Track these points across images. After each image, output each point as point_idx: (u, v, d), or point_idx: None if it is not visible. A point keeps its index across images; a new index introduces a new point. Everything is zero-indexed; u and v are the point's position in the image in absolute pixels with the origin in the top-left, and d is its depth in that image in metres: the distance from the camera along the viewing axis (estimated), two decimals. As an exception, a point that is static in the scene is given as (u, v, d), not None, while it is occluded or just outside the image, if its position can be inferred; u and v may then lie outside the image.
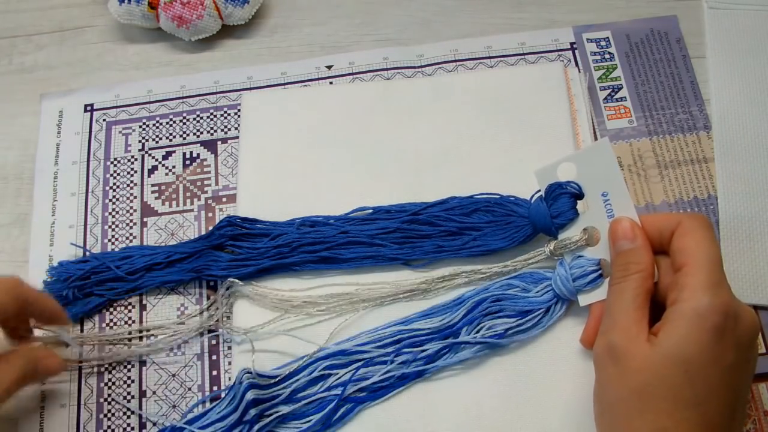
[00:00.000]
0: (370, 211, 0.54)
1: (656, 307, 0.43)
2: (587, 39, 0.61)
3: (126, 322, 0.53)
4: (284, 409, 0.47)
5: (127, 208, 0.57)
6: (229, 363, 0.51)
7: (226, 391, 0.48)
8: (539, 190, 0.50)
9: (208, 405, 0.50)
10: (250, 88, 0.61)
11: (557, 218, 0.49)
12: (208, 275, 0.53)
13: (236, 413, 0.46)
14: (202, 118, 0.60)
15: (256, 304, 0.52)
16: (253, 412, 0.46)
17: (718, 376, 0.39)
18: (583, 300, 0.48)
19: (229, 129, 0.60)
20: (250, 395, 0.46)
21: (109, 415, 0.51)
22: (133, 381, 0.51)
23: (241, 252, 0.53)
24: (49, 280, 0.54)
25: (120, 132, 0.60)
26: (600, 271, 0.47)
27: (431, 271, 0.52)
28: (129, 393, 0.51)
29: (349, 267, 0.52)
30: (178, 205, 0.57)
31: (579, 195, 0.48)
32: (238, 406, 0.46)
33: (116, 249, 0.55)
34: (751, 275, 0.52)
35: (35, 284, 0.54)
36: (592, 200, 0.48)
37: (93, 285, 0.53)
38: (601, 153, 0.47)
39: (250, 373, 0.47)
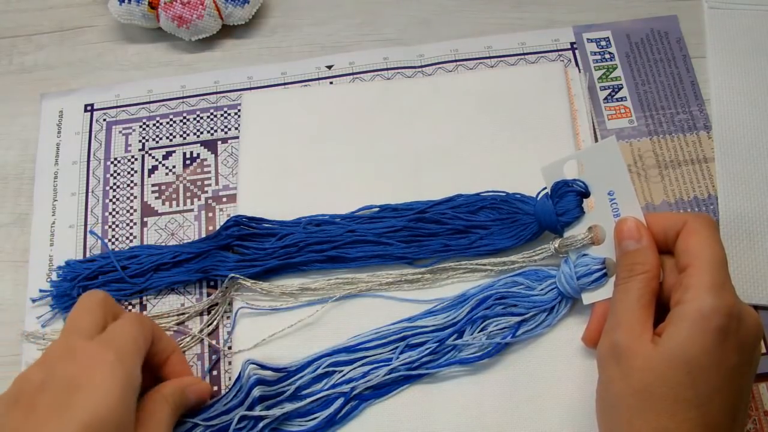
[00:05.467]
0: (377, 209, 0.54)
1: (660, 307, 0.43)
2: (587, 39, 0.61)
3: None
4: (289, 406, 0.47)
5: (128, 208, 0.57)
6: (230, 363, 0.51)
7: (232, 384, 0.48)
8: (545, 188, 0.50)
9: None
10: (250, 88, 0.61)
11: (563, 216, 0.49)
12: (216, 275, 0.53)
13: (242, 407, 0.46)
14: (202, 118, 0.60)
15: (258, 298, 0.52)
16: (259, 408, 0.46)
17: (720, 378, 0.39)
18: (587, 298, 0.48)
19: (229, 129, 0.60)
20: (257, 392, 0.46)
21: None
22: (133, 381, 0.51)
23: (248, 252, 0.53)
24: (56, 279, 0.54)
25: (120, 132, 0.60)
26: (604, 270, 0.47)
27: (435, 265, 0.52)
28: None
29: (356, 266, 0.52)
30: (178, 205, 0.57)
31: (585, 193, 0.48)
32: (244, 401, 0.47)
33: (116, 249, 0.55)
34: (752, 275, 0.52)
35: (36, 284, 0.54)
36: (598, 199, 0.48)
37: (100, 285, 0.53)
38: (608, 151, 0.47)
39: (256, 364, 0.48)
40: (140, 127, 0.60)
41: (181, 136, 0.60)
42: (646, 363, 0.39)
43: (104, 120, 0.61)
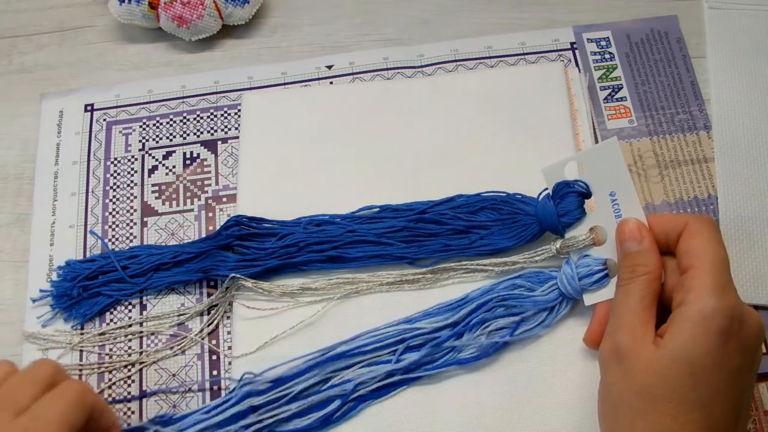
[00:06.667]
0: (377, 209, 0.54)
1: (662, 308, 0.43)
2: (587, 39, 0.61)
3: (128, 324, 0.53)
4: (285, 410, 0.47)
5: (128, 208, 0.57)
6: (230, 363, 0.51)
7: (228, 391, 0.49)
8: (546, 189, 0.50)
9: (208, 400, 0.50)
10: (251, 88, 0.61)
11: (564, 217, 0.49)
12: (216, 275, 0.53)
13: (232, 419, 0.47)
14: (202, 118, 0.60)
15: (259, 298, 0.52)
16: (253, 417, 0.47)
17: (722, 379, 0.39)
18: (589, 299, 0.48)
19: (230, 129, 0.60)
20: (246, 404, 0.47)
21: (110, 415, 0.51)
22: (133, 381, 0.51)
23: (248, 252, 0.53)
24: (56, 279, 0.54)
25: (120, 132, 0.60)
26: (606, 271, 0.47)
27: (435, 265, 0.52)
28: (129, 393, 0.51)
29: (356, 266, 0.52)
30: (178, 205, 0.57)
31: (586, 194, 0.48)
32: (233, 407, 0.47)
33: (116, 249, 0.55)
34: (752, 275, 0.52)
35: (36, 284, 0.54)
36: (599, 200, 0.48)
37: (100, 285, 0.53)
38: (609, 152, 0.47)
39: (252, 375, 0.48)
40: (140, 127, 0.60)
41: (181, 136, 0.60)
42: (648, 364, 0.39)
43: (104, 120, 0.60)
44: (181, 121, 0.60)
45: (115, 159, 0.59)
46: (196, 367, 0.52)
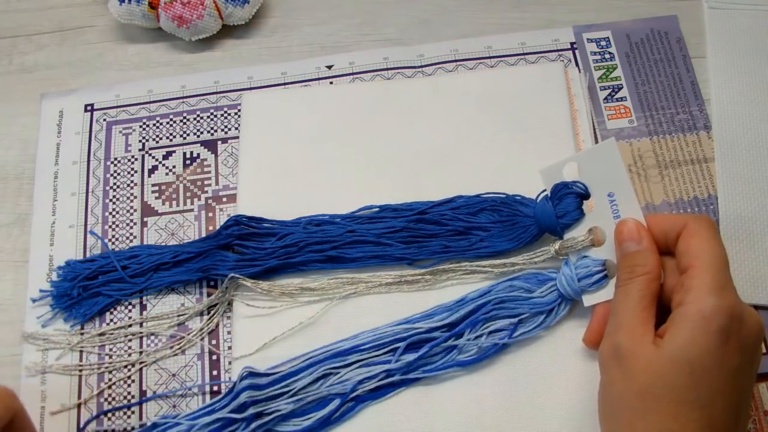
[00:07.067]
0: (377, 209, 0.54)
1: (661, 308, 0.43)
2: (587, 39, 0.61)
3: (128, 324, 0.53)
4: (285, 408, 0.47)
5: (128, 208, 0.57)
6: (229, 363, 0.51)
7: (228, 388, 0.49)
8: (545, 190, 0.50)
9: (208, 399, 0.50)
10: (251, 88, 0.61)
11: (563, 218, 0.49)
12: (216, 275, 0.52)
13: (231, 413, 0.47)
14: (202, 118, 0.60)
15: (258, 298, 0.52)
16: (251, 410, 0.46)
17: (722, 379, 0.38)
18: (588, 300, 0.48)
19: (230, 129, 0.60)
20: (244, 397, 0.46)
21: (109, 414, 0.51)
22: (133, 381, 0.51)
23: (248, 252, 0.53)
24: (56, 279, 0.54)
25: (120, 132, 0.60)
26: (605, 272, 0.47)
27: (435, 266, 0.52)
28: (129, 393, 0.51)
29: (356, 266, 0.52)
30: (178, 205, 0.57)
31: (585, 195, 0.48)
32: (232, 402, 0.47)
33: (116, 249, 0.55)
34: (751, 275, 0.52)
35: (36, 284, 0.54)
36: (597, 200, 0.48)
37: (100, 285, 0.53)
38: (608, 153, 0.47)
39: (251, 373, 0.48)
40: (140, 127, 0.60)
41: (181, 136, 0.60)
42: (647, 365, 0.39)
43: (104, 120, 0.61)
44: (181, 121, 0.60)
45: (115, 159, 0.59)
46: (196, 367, 0.52)
